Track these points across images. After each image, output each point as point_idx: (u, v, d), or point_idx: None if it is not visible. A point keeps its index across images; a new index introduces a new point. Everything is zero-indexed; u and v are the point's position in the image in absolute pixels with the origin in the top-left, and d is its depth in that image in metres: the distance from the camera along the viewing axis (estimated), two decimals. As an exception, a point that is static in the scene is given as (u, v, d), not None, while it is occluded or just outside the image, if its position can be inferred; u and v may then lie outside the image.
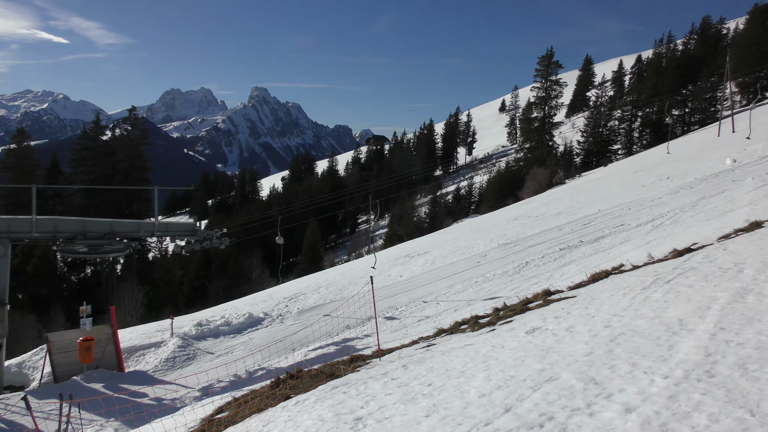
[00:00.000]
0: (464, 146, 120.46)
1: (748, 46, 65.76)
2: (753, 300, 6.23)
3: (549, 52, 79.99)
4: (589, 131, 74.37)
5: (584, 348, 6.15)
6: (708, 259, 9.15)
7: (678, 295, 7.32)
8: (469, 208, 76.58)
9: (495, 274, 18.76)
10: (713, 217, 16.34)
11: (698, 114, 72.43)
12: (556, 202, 33.52)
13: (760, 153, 25.75)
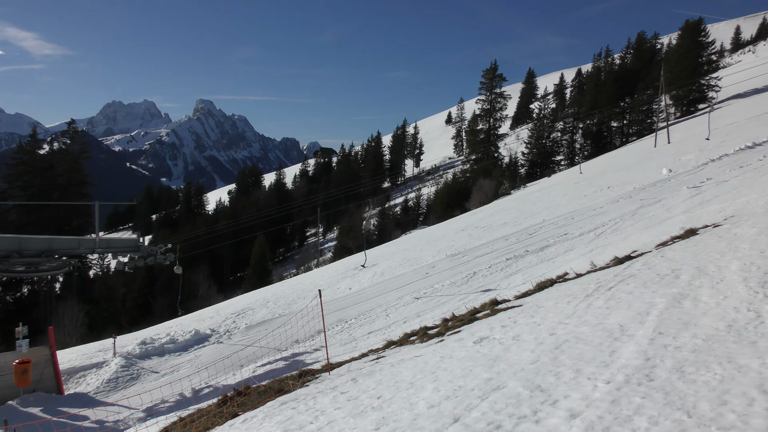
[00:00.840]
0: (412, 158, 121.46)
1: (681, 60, 68.55)
2: (689, 305, 6.45)
3: (493, 65, 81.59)
4: (533, 143, 76.03)
5: (530, 356, 6.25)
6: (647, 266, 9.44)
7: (619, 302, 7.53)
8: (418, 219, 77.09)
9: (443, 285, 18.90)
10: (651, 225, 16.88)
11: (636, 125, 74.95)
12: (502, 213, 34.08)
13: (694, 163, 26.80)
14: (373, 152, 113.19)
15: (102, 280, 53.02)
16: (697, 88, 65.80)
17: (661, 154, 35.46)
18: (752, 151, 24.58)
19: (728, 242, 9.26)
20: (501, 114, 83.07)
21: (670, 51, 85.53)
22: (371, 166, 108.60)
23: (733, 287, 6.63)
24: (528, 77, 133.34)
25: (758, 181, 17.25)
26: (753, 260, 7.58)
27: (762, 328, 5.14)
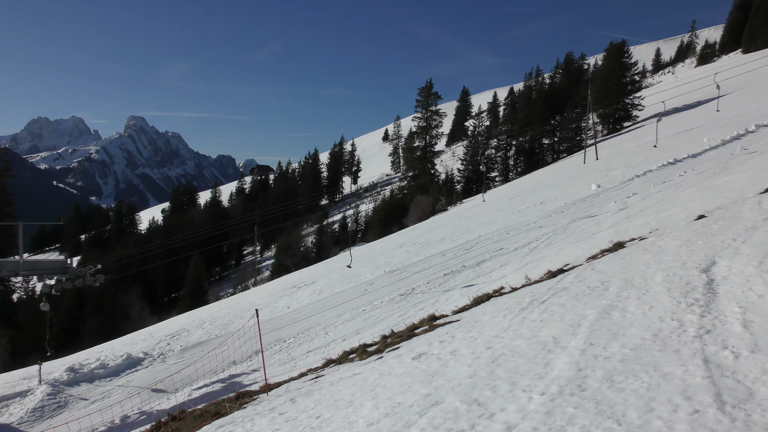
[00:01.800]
0: (349, 175, 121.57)
1: (607, 80, 71.39)
2: (617, 315, 6.68)
3: (428, 83, 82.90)
4: (469, 159, 77.40)
5: (468, 370, 6.34)
6: (578, 279, 9.74)
7: (552, 315, 7.73)
8: (356, 236, 77.09)
9: (382, 302, 18.94)
10: (582, 239, 17.43)
11: (566, 142, 77.40)
12: (440, 229, 34.49)
13: (621, 179, 27.88)
14: (310, 169, 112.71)
15: (26, 304, 50.54)
16: (622, 107, 68.58)
17: (590, 170, 36.73)
18: (674, 167, 25.78)
19: (653, 254, 9.65)
20: (437, 131, 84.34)
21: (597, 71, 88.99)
22: (309, 184, 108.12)
23: (658, 298, 6.91)
24: (463, 95, 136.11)
25: (680, 196, 18.09)
26: (676, 271, 7.92)
27: (685, 336, 5.37)
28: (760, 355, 4.54)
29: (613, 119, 69.44)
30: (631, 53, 74.46)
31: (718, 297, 6.34)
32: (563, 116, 77.13)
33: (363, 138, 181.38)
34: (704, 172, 21.23)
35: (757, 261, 7.26)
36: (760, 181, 15.03)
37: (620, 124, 69.05)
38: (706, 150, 27.40)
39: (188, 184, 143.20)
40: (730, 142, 27.40)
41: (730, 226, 10.02)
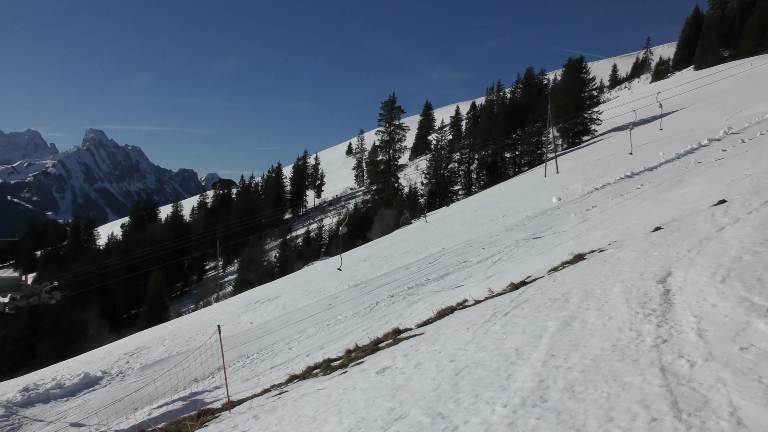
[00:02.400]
0: (313, 189, 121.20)
1: (566, 95, 72.86)
2: (578, 327, 6.79)
3: (391, 97, 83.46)
4: (432, 173, 77.94)
5: (432, 383, 6.35)
6: (540, 291, 9.87)
7: (515, 327, 7.81)
8: (320, 250, 76.74)
9: (347, 316, 18.86)
10: (544, 251, 17.67)
11: (527, 156, 78.58)
12: (404, 242, 34.58)
13: (580, 192, 28.39)
14: (273, 183, 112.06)
15: (-22, 323, 48.92)
16: (581, 122, 69.99)
17: (550, 183, 37.33)
18: (631, 180, 26.37)
19: (612, 266, 9.85)
20: (400, 145, 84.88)
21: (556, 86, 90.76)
22: (272, 198, 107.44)
23: (617, 308, 7.05)
24: (426, 109, 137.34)
25: (637, 208, 18.49)
26: (633, 282, 8.09)
27: (642, 346, 5.49)
28: (714, 363, 4.66)
29: (573, 133, 70.79)
30: (589, 69, 76.20)
31: (674, 307, 6.49)
32: (524, 130, 78.36)
33: (327, 152, 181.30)
34: (660, 185, 21.76)
35: (710, 271, 7.46)
36: (713, 193, 15.47)
37: (579, 138, 70.44)
38: (662, 163, 28.11)
39: (149, 199, 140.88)
40: (684, 156, 28.17)
41: (685, 237, 10.28)
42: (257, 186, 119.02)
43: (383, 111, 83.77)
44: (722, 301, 6.19)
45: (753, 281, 6.56)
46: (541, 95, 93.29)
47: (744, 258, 7.67)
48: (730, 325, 5.44)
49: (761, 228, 9.14)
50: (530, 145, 77.37)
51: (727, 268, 7.40)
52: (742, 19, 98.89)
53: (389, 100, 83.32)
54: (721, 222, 10.65)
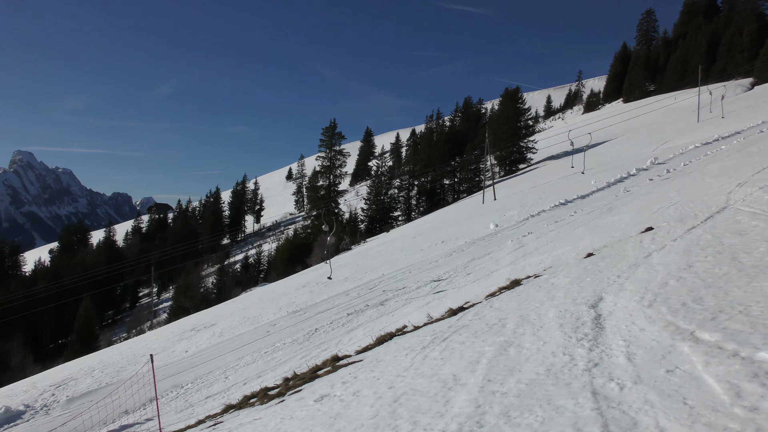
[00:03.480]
0: (252, 214, 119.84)
1: (503, 124, 74.84)
2: (514, 352, 6.91)
3: (332, 123, 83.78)
4: (372, 199, 78.34)
5: (370, 411, 6.32)
6: (477, 317, 10.00)
7: (453, 352, 7.87)
8: (258, 276, 75.64)
9: (285, 343, 18.59)
10: (481, 277, 17.94)
11: (466, 183, 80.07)
12: (343, 268, 34.47)
13: (517, 218, 29.06)
14: (212, 208, 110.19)
15: None
16: (517, 150, 71.92)
17: (488, 210, 38.07)
18: (565, 207, 27.18)
19: (546, 291, 10.08)
20: (341, 171, 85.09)
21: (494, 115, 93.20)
22: (210, 223, 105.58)
23: (551, 333, 7.21)
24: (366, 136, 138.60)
25: (571, 235, 19.06)
26: (567, 307, 8.31)
27: (575, 370, 5.62)
28: (642, 386, 4.82)
29: (510, 161, 72.60)
30: (525, 99, 78.62)
31: (605, 331, 6.69)
32: (463, 158, 79.92)
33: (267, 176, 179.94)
34: (592, 212, 22.51)
35: (639, 296, 7.74)
36: (641, 220, 16.11)
37: (516, 165, 72.27)
38: (594, 191, 29.12)
39: (80, 223, 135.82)
40: (614, 184, 29.27)
41: (616, 263, 10.65)
42: (195, 211, 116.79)
43: (324, 136, 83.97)
44: (649, 325, 6.42)
45: (678, 305, 6.84)
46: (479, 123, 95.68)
47: (669, 283, 7.99)
48: (657, 348, 5.65)
49: (685, 254, 9.56)
50: (469, 173, 78.92)
51: (654, 293, 7.69)
52: (666, 55, 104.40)
53: (330, 126, 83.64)
54: (648, 248, 11.09)
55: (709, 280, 7.64)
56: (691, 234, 11.33)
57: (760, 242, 9.06)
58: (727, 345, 5.21)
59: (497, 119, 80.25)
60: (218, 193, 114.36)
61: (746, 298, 6.49)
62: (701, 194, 17.15)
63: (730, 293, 6.85)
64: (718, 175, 20.39)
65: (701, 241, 10.33)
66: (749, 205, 12.72)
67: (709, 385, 4.53)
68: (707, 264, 8.56)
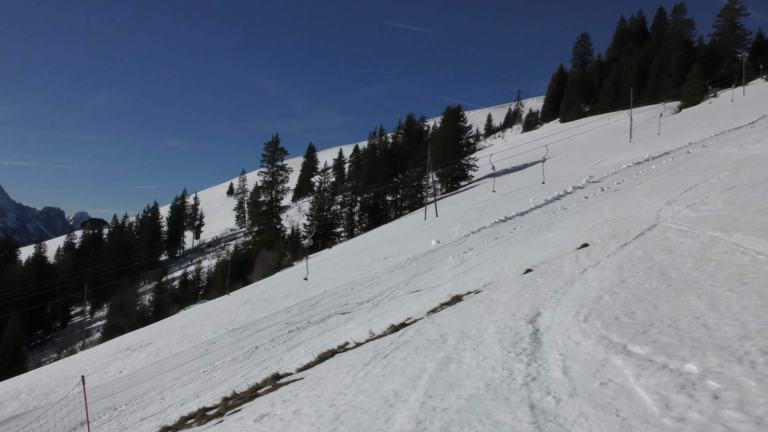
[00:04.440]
0: (192, 230, 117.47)
1: (444, 141, 76.02)
2: (454, 367, 6.97)
3: (275, 138, 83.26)
4: (315, 215, 78.00)
5: (311, 430, 6.26)
6: (419, 333, 10.05)
7: (394, 369, 7.88)
8: (198, 293, 74.00)
9: (224, 362, 18.21)
10: (423, 293, 18.06)
11: (408, 200, 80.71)
12: (285, 285, 34.12)
13: (458, 235, 29.44)
14: (149, 223, 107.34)
15: None
16: (458, 167, 73.11)
17: (430, 226, 38.43)
18: (504, 224, 27.72)
19: (487, 307, 10.24)
20: (283, 186, 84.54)
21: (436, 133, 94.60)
22: (147, 238, 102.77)
23: (491, 348, 7.32)
24: (309, 151, 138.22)
25: (510, 251, 19.43)
26: (506, 323, 8.45)
27: (513, 384, 5.72)
28: (577, 399, 4.94)
29: (451, 178, 73.67)
30: (466, 117, 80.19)
31: (543, 346, 6.84)
32: (405, 174, 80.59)
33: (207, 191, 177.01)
34: (531, 229, 23.03)
35: (574, 311, 7.95)
36: (577, 237, 16.57)
37: (457, 183, 73.38)
38: (532, 209, 29.81)
39: (7, 239, 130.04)
40: (552, 202, 30.05)
41: (553, 279, 10.92)
42: (132, 226, 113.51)
43: (266, 152, 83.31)
44: (585, 339, 6.60)
45: (611, 320, 7.06)
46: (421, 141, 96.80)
47: (603, 298, 8.24)
48: (592, 362, 5.80)
49: (618, 270, 9.89)
50: (411, 189, 79.62)
51: (589, 308, 7.91)
52: (600, 78, 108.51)
53: (272, 141, 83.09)
54: (584, 264, 11.42)
55: (641, 295, 7.93)
56: (623, 250, 11.73)
57: (687, 258, 9.46)
58: (656, 358, 5.40)
59: (439, 137, 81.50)
60: (156, 208, 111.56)
61: (674, 312, 6.75)
62: (633, 212, 17.80)
63: (659, 307, 7.12)
64: (649, 193, 21.22)
65: (633, 258, 10.71)
66: (677, 223, 13.27)
67: (640, 396, 4.69)
68: (638, 279, 8.87)
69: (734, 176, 18.93)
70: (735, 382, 4.44)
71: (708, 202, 15.25)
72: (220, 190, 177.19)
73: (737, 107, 59.23)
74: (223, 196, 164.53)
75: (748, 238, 9.91)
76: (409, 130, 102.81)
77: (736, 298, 6.71)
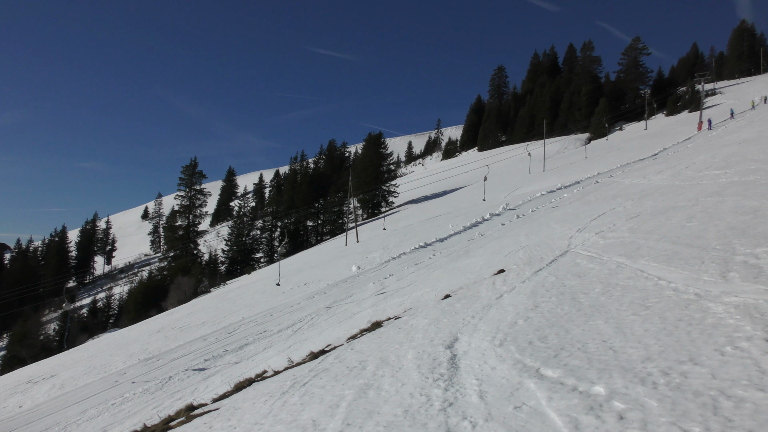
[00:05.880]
0: (103, 255, 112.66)
1: (366, 167, 76.71)
2: (373, 394, 6.96)
3: (193, 161, 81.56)
4: (234, 240, 76.60)
5: (225, 462, 6.07)
6: (338, 359, 9.98)
7: (312, 397, 7.79)
8: (108, 321, 70.76)
9: (135, 393, 17.43)
10: (344, 319, 17.98)
11: (329, 225, 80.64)
12: (201, 312, 33.17)
13: (379, 261, 29.59)
14: (56, 248, 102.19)
15: None
16: (379, 193, 73.79)
17: (351, 252, 38.46)
18: (424, 250, 28.10)
19: (406, 333, 10.30)
20: (201, 210, 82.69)
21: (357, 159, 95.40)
22: (54, 264, 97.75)
23: (409, 374, 7.36)
24: (229, 175, 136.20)
25: (430, 277, 19.69)
26: (425, 348, 8.53)
27: (431, 410, 5.76)
28: (492, 423, 5.03)
29: (372, 204, 74.23)
30: (387, 144, 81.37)
31: (460, 371, 6.94)
32: (326, 200, 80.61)
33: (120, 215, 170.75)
34: (450, 255, 23.45)
35: (491, 336, 8.13)
36: (494, 263, 17.00)
37: (378, 209, 73.95)
38: (451, 235, 30.38)
39: None
40: (470, 228, 30.74)
41: (470, 304, 11.13)
42: (37, 251, 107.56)
43: (184, 175, 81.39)
44: (500, 364, 6.74)
45: (525, 344, 7.26)
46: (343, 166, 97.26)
47: (518, 323, 8.47)
48: (506, 386, 5.94)
49: (532, 295, 10.20)
50: (332, 215, 79.64)
51: (504, 333, 8.11)
52: (515, 109, 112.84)
53: (191, 164, 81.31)
54: (500, 290, 11.72)
55: (553, 320, 8.20)
56: (537, 276, 12.13)
57: (596, 284, 9.88)
58: (567, 380, 5.59)
59: (361, 163, 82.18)
60: (64, 231, 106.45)
61: (584, 336, 7.02)
62: (547, 238, 18.45)
63: (570, 331, 7.39)
64: (561, 220, 22.08)
65: (546, 283, 11.08)
66: (587, 249, 13.86)
67: (551, 419, 4.83)
68: (551, 304, 9.18)
69: (639, 205, 19.98)
70: (638, 403, 4.65)
71: (615, 229, 16.02)
72: (134, 214, 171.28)
73: (641, 140, 62.85)
74: (137, 220, 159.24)
75: (650, 264, 10.46)
76: (330, 155, 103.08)
77: (639, 322, 7.06)
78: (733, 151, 28.96)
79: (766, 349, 5.22)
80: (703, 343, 5.78)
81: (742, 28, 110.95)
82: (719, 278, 8.47)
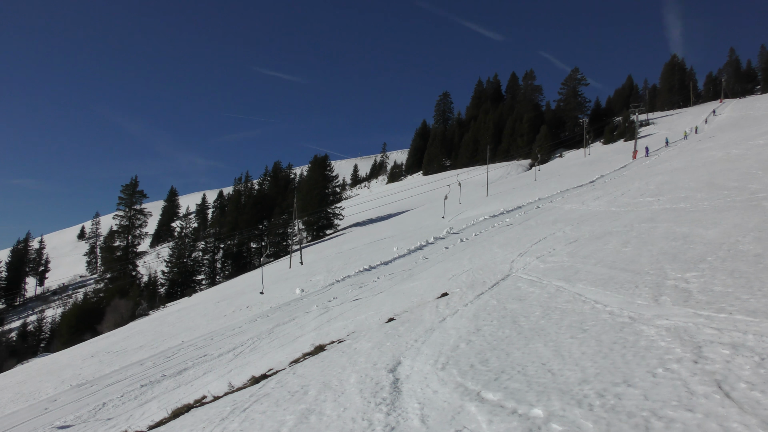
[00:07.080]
0: (35, 276, 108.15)
1: (311, 189, 76.50)
2: (315, 419, 6.89)
3: (133, 181, 79.66)
4: (174, 261, 74.88)
5: (160, 492, 5.88)
6: (280, 384, 9.84)
7: (253, 423, 7.64)
8: (39, 346, 67.74)
9: (66, 421, 16.69)
10: (286, 342, 17.73)
11: (273, 247, 79.75)
12: (139, 335, 32.18)
13: (323, 283, 29.41)
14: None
15: None
16: (325, 216, 73.59)
17: (295, 274, 38.11)
18: (369, 273, 28.10)
19: (349, 356, 10.25)
20: (141, 231, 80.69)
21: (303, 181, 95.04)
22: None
23: (352, 399, 7.32)
24: (170, 195, 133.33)
25: (374, 300, 19.67)
26: (368, 372, 8.51)
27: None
28: (434, 447, 5.05)
29: (317, 226, 73.93)
30: (333, 167, 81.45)
31: (402, 395, 6.95)
32: (271, 221, 79.87)
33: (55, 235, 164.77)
34: (394, 278, 23.51)
35: (433, 360, 8.17)
36: (438, 286, 17.14)
37: (323, 231, 73.69)
38: (396, 258, 30.50)
39: None
40: (414, 252, 30.93)
41: (414, 327, 11.17)
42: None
43: (124, 194, 79.35)
44: (442, 387, 6.78)
45: (467, 368, 7.33)
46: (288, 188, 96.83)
47: (460, 346, 8.55)
48: (448, 409, 5.97)
49: (474, 319, 10.33)
50: (276, 237, 78.85)
51: (447, 356, 8.17)
52: (460, 134, 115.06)
53: (131, 183, 79.43)
54: (443, 313, 11.81)
55: (494, 343, 8.31)
56: (480, 299, 12.29)
57: (536, 307, 10.08)
58: (507, 403, 5.67)
59: (306, 185, 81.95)
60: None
61: (524, 359, 7.15)
62: (489, 262, 18.74)
63: (511, 354, 7.51)
64: (503, 245, 22.47)
65: (488, 306, 11.24)
66: (528, 273, 14.15)
67: (491, 442, 4.88)
68: (493, 327, 9.31)
69: (577, 230, 20.55)
70: (575, 425, 4.75)
71: (555, 253, 16.41)
72: (70, 234, 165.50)
73: (579, 167, 64.87)
74: (73, 240, 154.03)
75: (588, 288, 10.76)
76: (275, 177, 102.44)
77: (577, 345, 7.23)
78: (665, 180, 30.21)
79: (695, 371, 5.43)
80: (637, 365, 5.96)
81: (674, 62, 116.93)
82: (652, 302, 8.79)
